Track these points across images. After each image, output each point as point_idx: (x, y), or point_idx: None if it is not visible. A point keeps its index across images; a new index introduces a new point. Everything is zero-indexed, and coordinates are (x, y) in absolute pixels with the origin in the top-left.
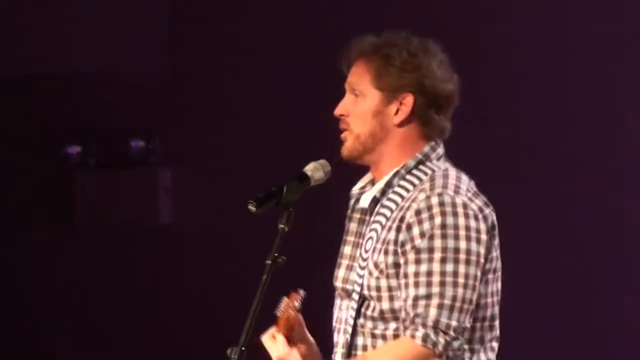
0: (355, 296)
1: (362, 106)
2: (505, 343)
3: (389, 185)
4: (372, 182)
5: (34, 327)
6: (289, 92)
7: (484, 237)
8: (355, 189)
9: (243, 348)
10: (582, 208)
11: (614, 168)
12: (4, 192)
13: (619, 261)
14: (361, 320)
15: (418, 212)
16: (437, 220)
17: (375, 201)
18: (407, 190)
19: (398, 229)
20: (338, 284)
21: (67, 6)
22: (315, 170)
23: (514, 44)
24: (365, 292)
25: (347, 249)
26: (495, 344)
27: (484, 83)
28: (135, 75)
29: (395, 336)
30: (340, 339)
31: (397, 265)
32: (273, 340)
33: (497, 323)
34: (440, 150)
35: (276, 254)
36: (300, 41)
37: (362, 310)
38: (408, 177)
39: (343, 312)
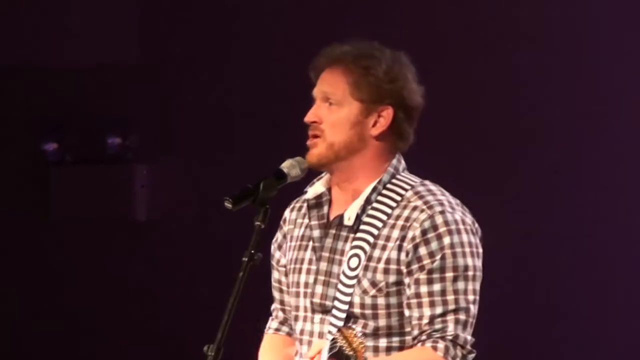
0: (340, 314)
1: (338, 115)
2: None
3: (368, 201)
4: (329, 190)
5: (9, 319)
6: (267, 87)
7: (480, 250)
8: (310, 196)
9: (219, 345)
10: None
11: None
12: None
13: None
14: None
15: (424, 232)
16: (446, 240)
17: (356, 218)
18: (390, 207)
19: (400, 248)
20: (316, 300)
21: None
22: (292, 167)
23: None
24: (357, 310)
25: (322, 265)
26: None
27: (481, 81)
28: (110, 71)
29: (388, 348)
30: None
31: (399, 283)
32: None
33: None
34: (403, 162)
35: (252, 251)
36: (281, 33)
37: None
38: (384, 192)
39: (316, 325)
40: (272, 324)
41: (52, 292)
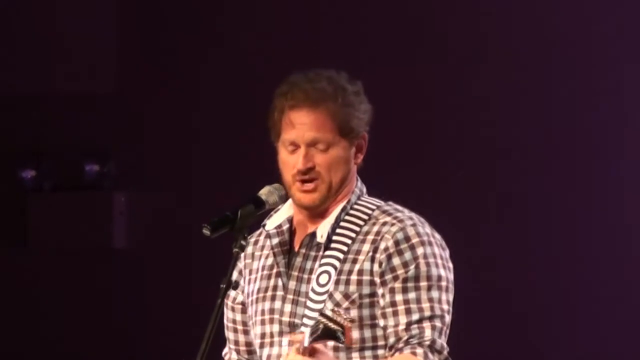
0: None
1: (331, 156)
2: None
3: (337, 220)
4: (290, 220)
5: None
6: (245, 114)
7: (451, 265)
8: (270, 227)
9: None
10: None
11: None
12: None
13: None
14: None
15: (397, 243)
16: (419, 250)
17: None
18: (358, 225)
19: (372, 260)
20: (285, 318)
21: (18, 27)
22: (270, 194)
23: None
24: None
25: (291, 284)
26: None
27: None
28: (88, 98)
29: None
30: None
31: (372, 295)
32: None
33: None
34: (364, 185)
35: (231, 278)
36: (256, 61)
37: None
38: (351, 211)
39: (284, 348)
40: None
41: (30, 321)
